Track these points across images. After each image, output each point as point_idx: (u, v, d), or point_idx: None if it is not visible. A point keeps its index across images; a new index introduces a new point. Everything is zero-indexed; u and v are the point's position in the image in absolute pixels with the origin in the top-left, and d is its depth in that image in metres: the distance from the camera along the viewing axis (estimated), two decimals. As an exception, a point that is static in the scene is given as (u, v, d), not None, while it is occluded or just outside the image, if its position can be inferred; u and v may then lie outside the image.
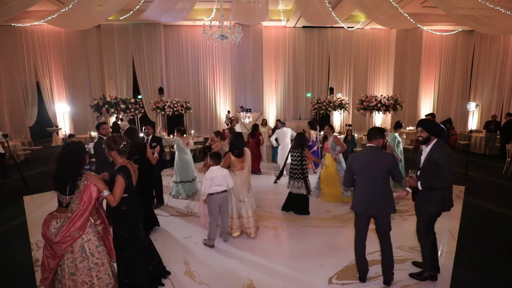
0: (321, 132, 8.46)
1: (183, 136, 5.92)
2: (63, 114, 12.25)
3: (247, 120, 10.77)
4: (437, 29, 12.20)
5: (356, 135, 9.95)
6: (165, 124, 12.28)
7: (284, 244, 4.07)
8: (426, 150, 2.93)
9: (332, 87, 13.08)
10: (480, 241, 4.02)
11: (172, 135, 10.07)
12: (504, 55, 12.46)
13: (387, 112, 11.18)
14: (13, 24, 10.78)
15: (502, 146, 9.19)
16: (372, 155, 2.88)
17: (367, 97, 11.34)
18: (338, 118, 13.48)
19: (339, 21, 10.18)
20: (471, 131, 9.47)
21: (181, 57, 13.02)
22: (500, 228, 4.44)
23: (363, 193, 2.89)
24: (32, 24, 10.65)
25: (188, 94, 12.96)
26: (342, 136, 9.69)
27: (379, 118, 12.67)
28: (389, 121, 12.49)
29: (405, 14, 9.11)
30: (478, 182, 6.73)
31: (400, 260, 3.43)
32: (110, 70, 12.32)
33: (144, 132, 5.31)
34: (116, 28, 12.07)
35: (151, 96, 12.39)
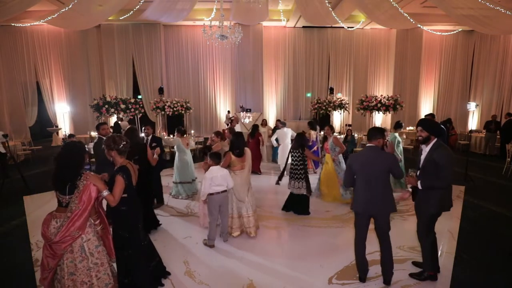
0: (321, 132, 8.46)
1: (183, 137, 5.92)
2: (63, 114, 12.25)
3: (247, 120, 10.76)
4: (437, 29, 12.20)
5: (356, 135, 9.94)
6: (165, 124, 12.28)
7: (284, 244, 4.07)
8: (426, 150, 2.93)
9: (332, 87, 13.07)
10: (480, 241, 4.02)
11: (172, 135, 10.07)
12: (504, 55, 12.46)
13: (387, 112, 11.17)
14: (13, 24, 10.79)
15: (502, 146, 9.20)
16: (372, 155, 2.88)
17: (367, 97, 11.33)
18: (338, 118, 13.47)
19: (339, 21, 10.17)
20: (471, 131, 9.47)
21: (181, 57, 13.02)
22: (500, 228, 4.44)
23: (363, 193, 2.89)
24: (32, 24, 10.65)
25: (188, 94, 12.96)
26: (342, 136, 9.68)
27: (379, 118, 12.66)
28: (389, 121, 12.48)
29: (405, 14, 9.11)
30: (478, 182, 6.73)
31: (400, 260, 3.43)
32: (110, 70, 12.32)
33: (143, 132, 5.32)
34: (116, 28, 12.07)
35: (151, 96, 12.39)
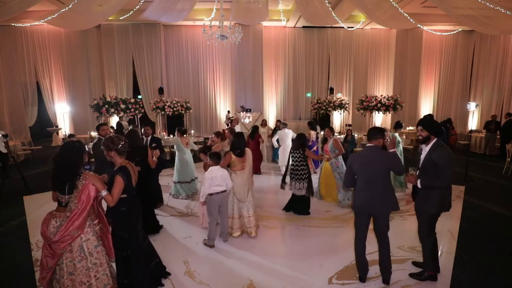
0: (321, 132, 8.46)
1: (183, 136, 5.91)
2: (63, 114, 12.25)
3: (247, 120, 10.75)
4: (437, 29, 12.19)
5: (356, 135, 9.94)
6: (165, 124, 12.27)
7: (284, 244, 4.07)
8: (425, 150, 2.93)
9: (332, 87, 13.05)
10: (480, 241, 4.02)
11: (172, 135, 10.07)
12: (504, 55, 12.46)
13: (387, 112, 11.16)
14: (13, 24, 10.78)
15: (502, 146, 9.20)
16: (372, 155, 2.88)
17: (367, 97, 11.32)
18: (338, 118, 13.46)
19: (339, 21, 10.16)
20: (471, 131, 9.47)
21: (181, 57, 13.01)
22: (500, 228, 4.44)
23: (363, 193, 2.89)
24: (32, 24, 10.64)
25: (188, 94, 12.95)
26: (342, 136, 9.68)
27: (379, 118, 12.65)
28: (389, 121, 12.47)
29: (405, 14, 9.10)
30: (478, 182, 6.74)
31: (400, 260, 3.43)
32: (110, 70, 12.31)
33: (143, 132, 5.32)
34: (116, 28, 12.06)
35: (151, 96, 12.38)
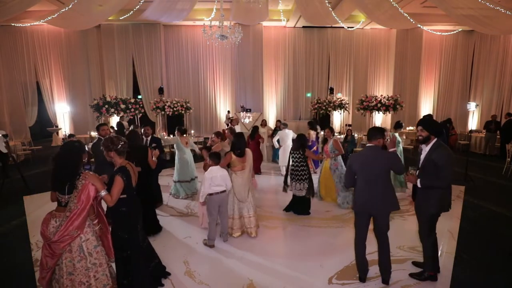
0: (321, 131, 8.45)
1: (183, 136, 5.91)
2: (63, 114, 12.24)
3: (247, 120, 10.75)
4: (437, 29, 12.19)
5: (356, 135, 9.93)
6: (165, 124, 12.27)
7: (284, 244, 4.07)
8: (425, 150, 2.93)
9: (332, 87, 13.05)
10: (480, 241, 4.02)
11: (172, 135, 10.06)
12: (504, 55, 12.45)
13: (387, 112, 11.17)
14: (13, 24, 10.77)
15: (502, 146, 9.19)
16: (372, 155, 2.88)
17: (367, 97, 11.33)
18: (338, 118, 13.46)
19: (339, 21, 10.16)
20: (471, 131, 9.46)
21: (181, 57, 13.00)
22: (500, 228, 4.44)
23: (363, 193, 2.90)
24: (32, 24, 10.64)
25: (188, 94, 12.94)
26: (342, 136, 9.68)
27: (379, 118, 12.65)
28: (389, 121, 12.47)
29: (405, 14, 9.10)
30: (478, 182, 6.73)
31: (400, 260, 3.43)
32: (110, 70, 12.31)
33: (143, 132, 5.32)
34: (116, 28, 12.06)
35: (151, 96, 12.38)
